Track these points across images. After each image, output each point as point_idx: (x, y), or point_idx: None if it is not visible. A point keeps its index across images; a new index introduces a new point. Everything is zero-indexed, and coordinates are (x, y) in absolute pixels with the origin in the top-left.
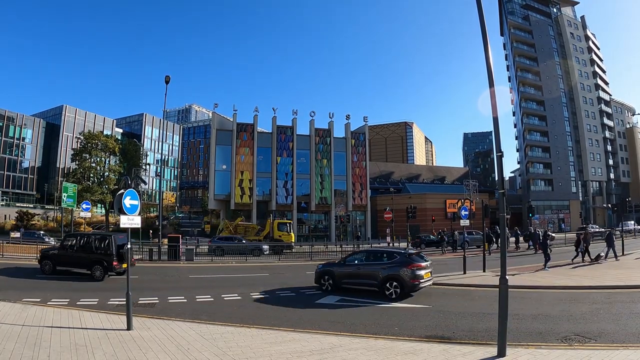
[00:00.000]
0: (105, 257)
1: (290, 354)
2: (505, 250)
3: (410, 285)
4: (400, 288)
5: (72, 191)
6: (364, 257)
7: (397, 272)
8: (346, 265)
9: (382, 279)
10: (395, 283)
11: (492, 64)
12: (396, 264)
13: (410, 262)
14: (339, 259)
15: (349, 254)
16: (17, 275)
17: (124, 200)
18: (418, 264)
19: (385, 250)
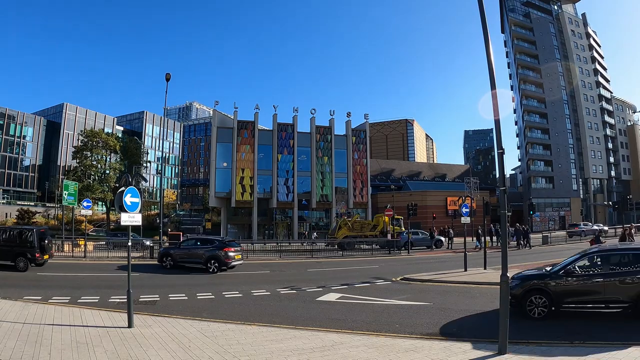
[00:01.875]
0: (28, 249)
1: (291, 351)
2: (506, 248)
3: (225, 262)
4: (218, 265)
5: (73, 189)
6: (194, 242)
7: (216, 253)
8: (181, 248)
9: (205, 258)
10: (214, 261)
11: (494, 66)
12: (216, 247)
13: (225, 246)
14: (178, 244)
15: (184, 240)
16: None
17: (125, 197)
18: (230, 248)
19: (208, 237)
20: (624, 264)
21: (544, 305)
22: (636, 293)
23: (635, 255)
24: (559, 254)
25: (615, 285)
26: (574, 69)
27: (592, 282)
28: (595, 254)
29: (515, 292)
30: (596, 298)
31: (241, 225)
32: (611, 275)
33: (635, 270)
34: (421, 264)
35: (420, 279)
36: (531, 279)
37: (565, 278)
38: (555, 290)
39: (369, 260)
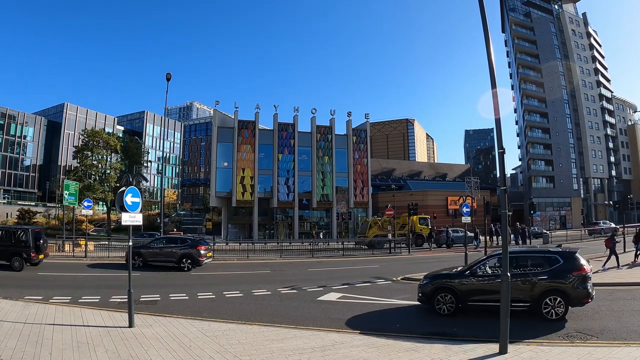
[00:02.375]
0: (24, 249)
1: (291, 350)
2: (506, 247)
3: (198, 260)
4: (191, 262)
5: (74, 189)
6: (165, 242)
7: (190, 251)
8: (152, 248)
9: (179, 256)
10: (187, 259)
11: (494, 65)
12: (189, 246)
13: (198, 245)
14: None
15: (153, 240)
16: None
17: (126, 197)
18: (202, 246)
19: (179, 236)
20: (526, 265)
21: (451, 302)
22: (537, 293)
23: (536, 258)
24: None
25: (517, 285)
26: (575, 68)
27: (495, 282)
28: (499, 256)
29: (425, 290)
30: (499, 297)
31: (242, 225)
32: (513, 276)
33: (536, 272)
34: (422, 264)
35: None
36: (440, 278)
37: (470, 278)
38: (461, 289)
39: (370, 259)
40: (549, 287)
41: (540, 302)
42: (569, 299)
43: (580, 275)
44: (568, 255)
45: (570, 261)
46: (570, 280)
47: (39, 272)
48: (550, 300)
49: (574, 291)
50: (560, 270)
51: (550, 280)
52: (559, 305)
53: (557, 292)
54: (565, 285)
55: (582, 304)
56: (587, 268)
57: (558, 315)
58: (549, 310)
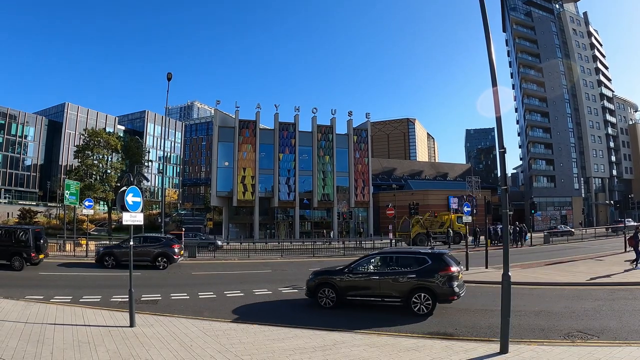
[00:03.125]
0: (24, 249)
1: (292, 350)
2: (507, 247)
3: (173, 259)
4: (167, 261)
5: (75, 188)
6: (138, 241)
7: (166, 250)
8: (124, 247)
9: (154, 255)
10: (163, 258)
11: (495, 64)
12: (164, 244)
13: (172, 244)
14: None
15: (125, 239)
16: None
17: (127, 197)
18: (177, 245)
19: (153, 235)
20: (398, 265)
21: (332, 296)
22: (406, 290)
23: (407, 258)
24: (559, 253)
25: (389, 282)
26: (576, 67)
27: (370, 279)
28: (375, 256)
29: (310, 285)
30: (374, 293)
31: (243, 225)
32: (386, 274)
33: (407, 271)
34: None
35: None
36: (323, 275)
37: (348, 275)
38: (340, 285)
39: None
40: (418, 285)
41: (410, 298)
42: (436, 296)
43: (447, 275)
44: (436, 256)
45: (438, 262)
46: (437, 279)
47: (40, 271)
48: (418, 297)
49: (440, 289)
50: (428, 270)
51: (418, 279)
52: (427, 301)
53: (425, 290)
54: (432, 284)
55: (448, 301)
56: (454, 269)
57: (426, 311)
58: (418, 306)
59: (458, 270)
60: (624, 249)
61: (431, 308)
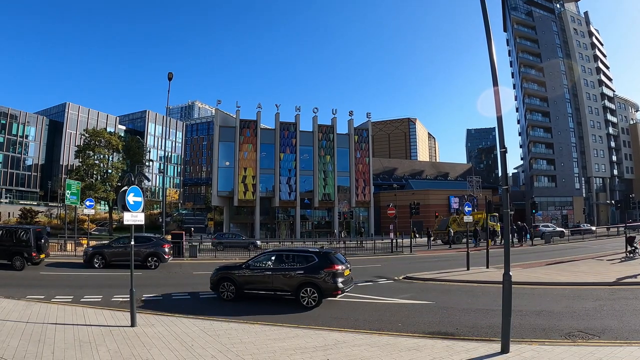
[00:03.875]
0: (25, 248)
1: (293, 350)
2: (508, 246)
3: (164, 259)
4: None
5: (76, 188)
6: (128, 241)
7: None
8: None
9: (144, 255)
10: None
11: (496, 64)
12: (155, 244)
13: (163, 244)
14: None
15: (115, 239)
16: None
17: (127, 197)
18: (167, 245)
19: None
20: (289, 262)
21: (232, 290)
22: (296, 285)
23: (297, 256)
24: (559, 253)
25: (280, 278)
26: (576, 67)
27: (265, 274)
28: (270, 253)
29: (213, 280)
30: (268, 287)
31: (243, 224)
32: (278, 270)
33: (296, 267)
34: (424, 263)
35: (423, 277)
36: (223, 270)
37: (246, 270)
38: (239, 279)
39: (372, 259)
40: (305, 280)
41: (299, 292)
42: (321, 291)
43: (331, 272)
44: (323, 255)
45: (324, 260)
46: (322, 276)
47: (41, 271)
48: (306, 291)
49: (325, 284)
50: (314, 267)
51: (306, 275)
52: (313, 295)
53: (312, 285)
54: (318, 279)
55: (333, 295)
56: (338, 266)
57: (313, 304)
58: (306, 299)
59: (343, 268)
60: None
61: (317, 301)
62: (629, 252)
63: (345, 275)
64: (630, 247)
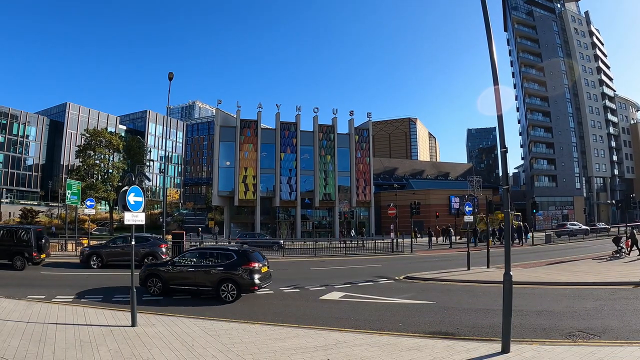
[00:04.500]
0: (25, 248)
1: (294, 349)
2: (509, 246)
3: (161, 258)
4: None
5: (76, 188)
6: (123, 241)
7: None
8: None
9: (142, 255)
10: (152, 258)
11: (496, 63)
12: (152, 244)
13: (160, 244)
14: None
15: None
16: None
17: (128, 197)
18: (165, 245)
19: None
20: (211, 259)
21: (159, 285)
22: (216, 280)
23: (218, 254)
24: (559, 253)
25: (202, 274)
26: (577, 67)
27: (188, 271)
28: (193, 251)
29: (141, 275)
30: (191, 282)
31: (244, 224)
32: (201, 267)
33: (216, 264)
34: (424, 263)
35: (424, 277)
36: (151, 267)
37: (171, 267)
38: (165, 275)
39: (373, 259)
40: (224, 276)
41: (219, 287)
42: (240, 286)
43: (248, 269)
44: (241, 253)
45: (242, 257)
46: (239, 272)
47: (42, 271)
48: (226, 286)
49: (242, 280)
50: (233, 264)
51: (225, 271)
52: (232, 290)
53: (230, 281)
54: (236, 276)
55: (250, 291)
56: (255, 264)
57: (232, 298)
58: (226, 294)
59: (260, 266)
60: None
61: (236, 296)
62: (614, 252)
63: (262, 272)
64: (617, 247)
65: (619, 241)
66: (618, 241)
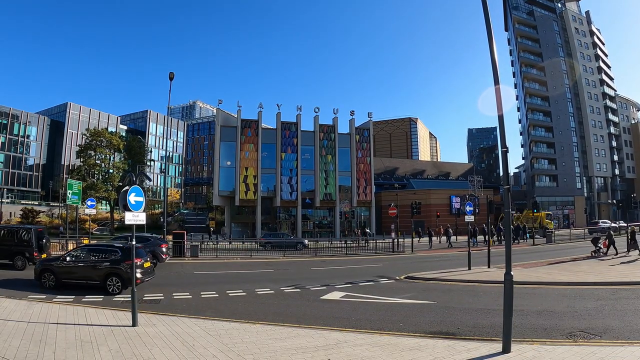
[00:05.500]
0: (26, 248)
1: (295, 349)
2: (510, 246)
3: (161, 257)
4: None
5: (77, 188)
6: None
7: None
8: None
9: None
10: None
11: (497, 62)
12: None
13: (161, 243)
14: None
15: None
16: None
17: (129, 197)
18: (164, 244)
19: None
20: (98, 255)
21: (53, 279)
22: (103, 275)
23: (105, 250)
24: (560, 252)
25: (90, 269)
26: (578, 66)
27: (77, 266)
28: (83, 248)
29: (36, 270)
30: (80, 276)
31: (245, 224)
32: (90, 262)
33: (103, 259)
34: (425, 263)
35: (424, 277)
36: (45, 262)
37: (63, 262)
38: (57, 270)
39: (373, 259)
40: (110, 271)
41: (106, 281)
42: (123, 280)
43: (131, 264)
44: (125, 249)
45: (125, 254)
46: (123, 267)
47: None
48: (112, 280)
49: (126, 275)
50: (117, 260)
51: (111, 266)
52: (117, 283)
53: (115, 275)
54: (120, 270)
55: None
56: (137, 260)
57: (117, 291)
58: (112, 287)
59: (142, 261)
60: (626, 249)
61: (121, 289)
62: (593, 252)
63: (144, 267)
64: (595, 247)
65: (597, 241)
66: (596, 241)
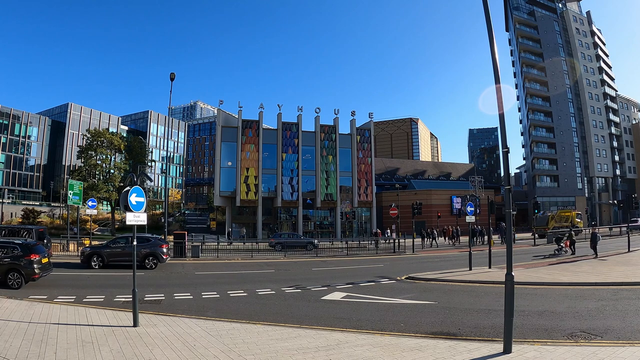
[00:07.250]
0: None
1: (296, 350)
2: (511, 246)
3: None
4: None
5: (78, 188)
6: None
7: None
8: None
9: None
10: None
11: (497, 61)
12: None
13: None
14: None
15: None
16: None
17: (130, 197)
18: (164, 245)
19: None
20: None
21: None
22: (4, 270)
23: (6, 247)
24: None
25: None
26: (578, 67)
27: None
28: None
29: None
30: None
31: (246, 224)
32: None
33: (4, 255)
34: (426, 263)
35: (425, 277)
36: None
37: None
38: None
39: (374, 259)
40: (11, 267)
41: (7, 276)
42: (23, 275)
43: (30, 260)
44: (24, 246)
45: (25, 250)
46: (23, 263)
47: None
48: (12, 275)
49: (25, 270)
50: (18, 256)
51: (11, 262)
52: (18, 278)
53: (16, 271)
54: (20, 266)
55: (33, 279)
56: (36, 256)
57: (17, 286)
58: (12, 282)
59: (40, 257)
60: (627, 248)
61: (22, 283)
62: (555, 250)
63: (42, 263)
64: (558, 245)
65: (560, 241)
66: (559, 241)
